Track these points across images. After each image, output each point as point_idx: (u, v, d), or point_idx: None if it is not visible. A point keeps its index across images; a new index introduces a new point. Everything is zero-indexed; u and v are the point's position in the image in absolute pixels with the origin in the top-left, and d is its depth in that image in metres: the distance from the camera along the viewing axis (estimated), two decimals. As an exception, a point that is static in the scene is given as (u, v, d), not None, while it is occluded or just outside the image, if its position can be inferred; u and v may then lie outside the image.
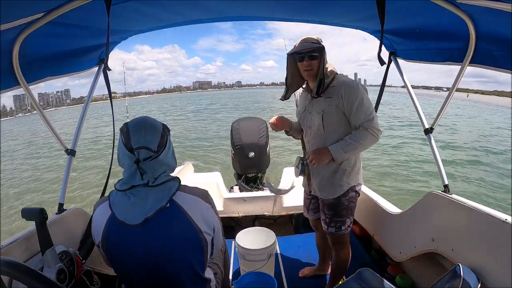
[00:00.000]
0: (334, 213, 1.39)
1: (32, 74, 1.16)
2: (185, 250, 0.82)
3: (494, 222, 1.01)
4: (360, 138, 1.26)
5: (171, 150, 0.87)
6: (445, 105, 1.40)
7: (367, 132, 1.25)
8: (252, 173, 2.82)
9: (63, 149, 1.38)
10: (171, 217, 0.79)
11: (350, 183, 1.36)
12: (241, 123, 2.80)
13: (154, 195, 0.78)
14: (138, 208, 0.78)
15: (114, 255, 0.83)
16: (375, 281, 1.19)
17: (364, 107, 1.25)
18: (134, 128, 0.80)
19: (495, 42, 1.09)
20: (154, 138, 0.80)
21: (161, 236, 0.79)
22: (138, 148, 0.78)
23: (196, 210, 0.83)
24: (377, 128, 1.26)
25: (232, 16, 1.46)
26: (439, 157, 1.40)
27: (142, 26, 1.45)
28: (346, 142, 1.27)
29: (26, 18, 0.87)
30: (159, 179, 0.80)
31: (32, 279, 0.54)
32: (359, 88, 1.27)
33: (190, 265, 0.86)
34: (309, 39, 1.27)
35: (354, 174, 1.37)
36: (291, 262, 1.92)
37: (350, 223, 1.43)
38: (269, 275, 1.46)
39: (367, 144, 1.27)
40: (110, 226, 0.80)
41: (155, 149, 0.79)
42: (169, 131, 0.88)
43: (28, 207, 0.96)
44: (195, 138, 12.21)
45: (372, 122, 1.25)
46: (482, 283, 1.00)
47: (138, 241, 0.79)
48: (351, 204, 1.39)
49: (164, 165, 0.82)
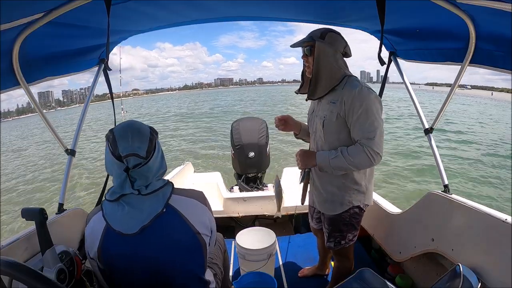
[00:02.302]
0: (333, 228, 1.30)
1: (32, 74, 1.16)
2: (184, 254, 0.82)
3: (494, 222, 1.01)
4: (351, 155, 1.09)
5: (160, 154, 0.83)
6: (445, 105, 1.40)
7: (363, 151, 1.07)
8: (252, 173, 2.82)
9: (63, 149, 1.38)
10: (168, 222, 0.78)
11: (352, 202, 1.23)
12: (241, 123, 2.80)
13: (150, 202, 0.77)
14: (134, 217, 0.76)
15: (112, 266, 0.81)
16: (375, 281, 1.19)
17: (367, 122, 1.07)
18: (121, 135, 0.76)
19: (495, 42, 1.08)
20: (143, 145, 0.76)
21: (160, 243, 0.78)
22: (127, 155, 0.74)
23: (193, 212, 0.83)
24: (376, 151, 1.06)
25: (232, 16, 1.46)
26: (439, 157, 1.40)
27: (142, 26, 1.45)
28: (335, 154, 1.13)
29: (26, 18, 0.87)
30: (151, 186, 0.78)
31: (32, 279, 0.54)
32: (368, 96, 1.08)
33: (190, 269, 0.85)
34: (312, 32, 1.18)
35: (358, 194, 1.23)
36: (291, 262, 1.92)
37: (353, 237, 1.31)
38: (269, 275, 1.46)
39: (358, 164, 1.10)
40: (106, 237, 0.78)
41: (144, 156, 0.75)
42: (157, 134, 0.84)
43: (28, 207, 0.96)
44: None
45: (372, 141, 1.06)
46: (482, 283, 1.00)
47: (136, 250, 0.77)
48: (354, 220, 1.27)
49: (154, 171, 0.80)
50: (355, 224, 1.29)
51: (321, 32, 1.17)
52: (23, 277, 0.54)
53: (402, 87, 1.61)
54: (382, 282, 1.17)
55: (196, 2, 1.17)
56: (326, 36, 1.16)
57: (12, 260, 0.55)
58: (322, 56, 1.14)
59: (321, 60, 1.14)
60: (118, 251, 0.78)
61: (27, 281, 0.54)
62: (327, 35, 1.16)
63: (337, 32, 1.19)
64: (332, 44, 1.15)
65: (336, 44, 1.17)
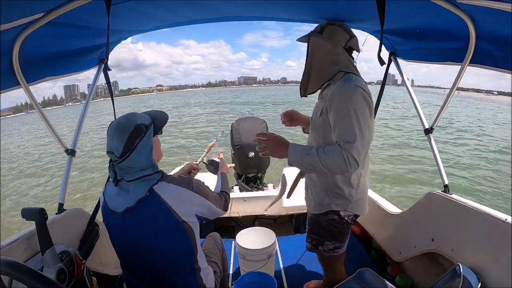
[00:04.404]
0: (311, 228, 1.26)
1: (32, 74, 1.16)
2: (168, 239, 0.86)
3: (494, 222, 1.01)
4: (327, 155, 0.95)
5: (145, 150, 0.84)
6: (445, 106, 1.40)
7: (340, 153, 0.93)
8: (252, 173, 2.82)
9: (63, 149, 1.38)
10: (150, 207, 0.83)
11: (331, 206, 1.15)
12: (241, 123, 2.80)
13: (134, 187, 0.84)
14: (121, 198, 0.85)
15: (110, 235, 0.94)
16: (375, 281, 1.19)
17: (348, 124, 0.95)
18: (108, 132, 0.84)
19: (495, 42, 1.09)
20: (120, 144, 0.81)
21: (141, 225, 0.85)
22: (108, 152, 0.84)
23: (176, 199, 0.85)
24: (354, 157, 0.93)
25: (233, 16, 1.46)
26: (439, 157, 1.40)
27: (142, 26, 1.45)
28: (309, 150, 0.99)
29: (26, 18, 0.87)
30: (134, 175, 0.84)
31: (32, 279, 0.54)
32: (353, 96, 0.97)
33: (173, 252, 0.88)
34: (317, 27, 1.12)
35: (339, 198, 1.14)
36: (291, 262, 1.92)
37: (334, 248, 1.21)
38: (269, 275, 1.46)
39: (332, 167, 0.96)
40: (103, 210, 0.92)
41: (118, 155, 0.81)
42: (147, 129, 0.84)
43: (28, 207, 0.96)
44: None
45: (351, 145, 0.93)
46: (482, 283, 1.00)
47: (122, 228, 0.88)
48: (332, 228, 1.18)
49: (137, 165, 0.83)
50: (335, 234, 1.19)
51: (321, 26, 1.12)
52: (23, 277, 0.54)
53: (424, 91, 1.58)
54: (382, 282, 1.17)
55: (196, 2, 1.17)
56: (325, 29, 1.10)
57: (12, 260, 0.55)
58: (315, 51, 1.08)
59: (314, 55, 1.09)
60: (111, 224, 0.92)
61: (27, 281, 0.54)
62: (326, 29, 1.10)
63: (341, 25, 1.11)
64: (329, 37, 1.08)
65: (335, 37, 1.08)
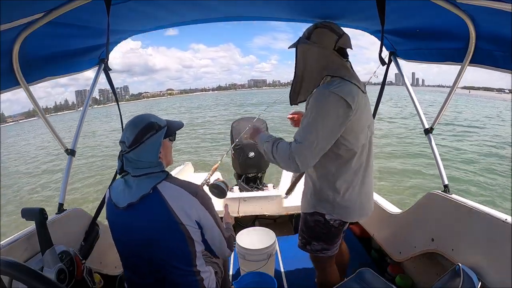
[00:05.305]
0: (301, 226, 1.25)
1: (32, 74, 1.16)
2: (168, 238, 0.86)
3: (494, 222, 1.01)
4: (279, 148, 0.98)
5: (153, 146, 0.87)
6: (445, 106, 1.40)
7: (288, 150, 0.94)
8: (252, 173, 2.82)
9: (63, 149, 1.38)
10: (152, 204, 0.84)
11: (316, 207, 1.14)
12: (241, 123, 2.79)
13: (138, 183, 0.86)
14: (125, 193, 0.86)
15: (112, 231, 0.94)
16: (375, 281, 1.19)
17: (306, 126, 0.95)
18: (126, 125, 0.89)
19: (495, 42, 1.09)
20: (131, 135, 0.85)
21: (143, 221, 0.85)
22: (120, 142, 0.88)
23: (178, 201, 0.85)
24: (295, 158, 0.92)
25: (233, 16, 1.46)
26: (439, 157, 1.40)
27: (142, 26, 1.45)
28: (270, 139, 1.04)
29: (26, 18, 0.87)
30: (139, 170, 0.86)
31: (32, 279, 0.54)
32: (323, 102, 0.94)
33: (171, 252, 0.88)
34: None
35: (322, 201, 1.12)
36: (291, 262, 1.92)
37: (321, 249, 1.19)
38: (269, 275, 1.46)
39: (279, 160, 0.98)
40: (108, 205, 0.93)
41: (128, 145, 0.85)
42: (159, 129, 0.89)
43: (28, 207, 0.96)
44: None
45: (297, 146, 0.92)
46: (482, 283, 1.00)
47: (124, 223, 0.89)
48: (318, 229, 1.16)
49: (142, 160, 0.86)
50: (321, 236, 1.17)
51: (309, 31, 1.06)
52: (23, 277, 0.54)
53: (434, 90, 1.56)
54: (382, 282, 1.17)
55: (196, 2, 1.17)
56: (313, 34, 1.04)
57: (12, 260, 0.55)
58: (305, 59, 1.05)
59: (304, 63, 1.05)
60: (113, 220, 0.92)
61: (27, 281, 0.54)
62: (313, 33, 1.04)
63: (327, 26, 1.05)
64: (317, 42, 1.03)
65: (323, 41, 1.03)
